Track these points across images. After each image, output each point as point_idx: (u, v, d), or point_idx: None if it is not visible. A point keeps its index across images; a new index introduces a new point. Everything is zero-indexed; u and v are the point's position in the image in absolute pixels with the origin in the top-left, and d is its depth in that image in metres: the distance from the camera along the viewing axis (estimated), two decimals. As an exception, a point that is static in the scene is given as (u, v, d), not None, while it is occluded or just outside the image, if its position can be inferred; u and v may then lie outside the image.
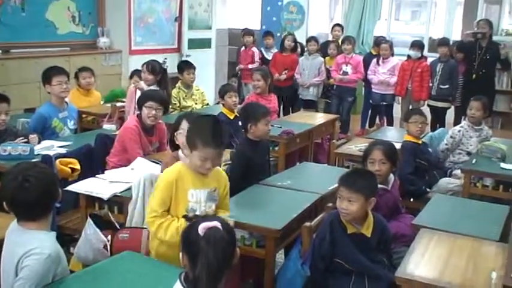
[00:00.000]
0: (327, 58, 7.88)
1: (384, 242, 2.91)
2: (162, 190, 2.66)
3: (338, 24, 8.63)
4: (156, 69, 5.60)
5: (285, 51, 7.84)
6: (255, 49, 8.32)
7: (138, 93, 5.25)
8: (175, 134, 3.37)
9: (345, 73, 7.46)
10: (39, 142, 4.18)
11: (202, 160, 2.61)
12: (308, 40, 7.90)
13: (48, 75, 4.67)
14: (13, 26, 6.63)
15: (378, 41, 8.05)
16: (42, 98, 5.79)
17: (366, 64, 7.64)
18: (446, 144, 4.86)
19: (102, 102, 6.08)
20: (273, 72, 6.98)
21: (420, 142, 4.52)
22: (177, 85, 6.10)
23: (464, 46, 7.30)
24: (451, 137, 4.85)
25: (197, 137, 2.60)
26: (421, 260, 2.57)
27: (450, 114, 7.30)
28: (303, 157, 5.53)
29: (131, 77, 6.41)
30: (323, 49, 8.05)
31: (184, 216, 2.66)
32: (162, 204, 2.65)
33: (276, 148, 4.91)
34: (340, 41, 7.93)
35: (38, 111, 4.77)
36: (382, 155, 3.47)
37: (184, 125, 3.25)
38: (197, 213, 2.68)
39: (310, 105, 7.83)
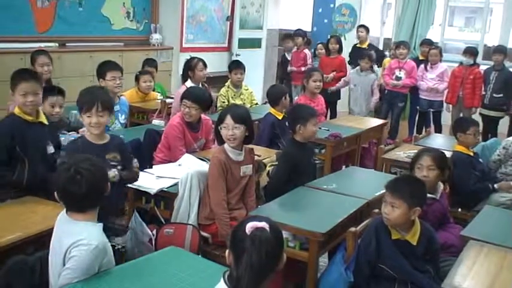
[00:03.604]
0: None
1: (431, 253, 2.85)
2: None
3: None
4: None
5: (332, 54, 7.78)
6: (307, 51, 8.16)
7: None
8: (219, 127, 3.38)
9: (398, 78, 7.31)
10: (90, 134, 4.25)
11: None
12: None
13: (102, 70, 4.76)
14: (70, 20, 6.83)
15: (423, 43, 7.91)
16: (95, 91, 5.90)
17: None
18: (498, 155, 4.71)
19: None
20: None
21: (472, 153, 4.40)
22: (226, 84, 6.12)
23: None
24: (504, 147, 4.69)
25: None
26: (469, 272, 2.51)
27: (503, 124, 7.09)
28: (349, 161, 5.48)
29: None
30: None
31: None
32: None
33: (323, 151, 4.88)
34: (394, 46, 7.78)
35: (90, 104, 4.85)
36: (431, 161, 3.40)
37: (229, 120, 3.30)
38: None
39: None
